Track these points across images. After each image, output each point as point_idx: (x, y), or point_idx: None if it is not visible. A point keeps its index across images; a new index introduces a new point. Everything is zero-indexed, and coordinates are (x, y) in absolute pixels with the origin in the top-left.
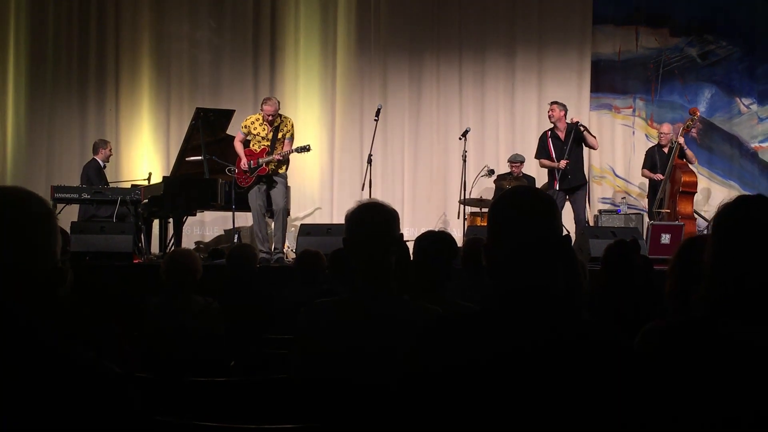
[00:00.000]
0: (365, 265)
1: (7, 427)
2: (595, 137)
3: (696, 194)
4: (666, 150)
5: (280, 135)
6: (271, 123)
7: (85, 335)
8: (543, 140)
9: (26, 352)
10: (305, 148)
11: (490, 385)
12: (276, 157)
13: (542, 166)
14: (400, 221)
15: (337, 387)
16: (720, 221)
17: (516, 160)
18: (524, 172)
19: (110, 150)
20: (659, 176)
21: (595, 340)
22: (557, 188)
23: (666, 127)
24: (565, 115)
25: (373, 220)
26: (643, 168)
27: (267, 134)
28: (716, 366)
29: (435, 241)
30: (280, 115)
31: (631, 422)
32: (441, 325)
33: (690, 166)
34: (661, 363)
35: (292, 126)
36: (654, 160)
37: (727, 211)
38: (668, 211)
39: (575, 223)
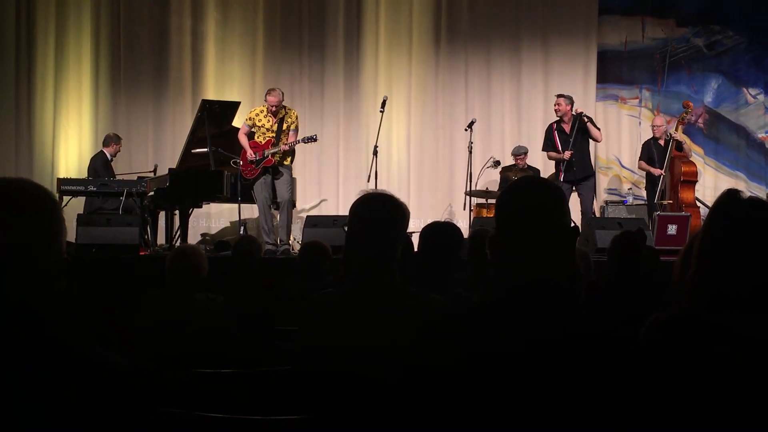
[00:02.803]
0: (367, 256)
1: (16, 419)
2: (599, 129)
3: (697, 183)
4: (662, 142)
5: (284, 126)
6: (275, 114)
7: (89, 326)
8: (549, 133)
9: (33, 344)
10: (312, 138)
11: (493, 377)
12: (282, 147)
13: (549, 158)
14: None
15: (339, 379)
16: (714, 214)
17: (519, 153)
18: (529, 163)
19: (120, 147)
20: (658, 171)
21: (599, 333)
22: (562, 179)
23: (659, 120)
24: (572, 107)
25: (378, 210)
26: (639, 160)
27: (272, 126)
28: (719, 357)
29: (440, 232)
30: (284, 107)
31: (635, 413)
32: (444, 318)
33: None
34: (665, 354)
35: (297, 117)
36: (651, 152)
37: (720, 206)
38: (671, 201)
39: (582, 214)
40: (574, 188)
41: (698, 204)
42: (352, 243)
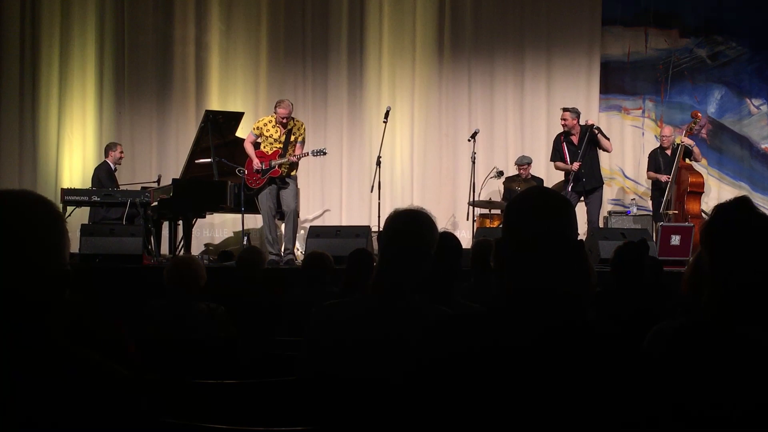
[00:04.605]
0: (383, 269)
1: (17, 427)
2: (609, 140)
3: (703, 194)
4: (669, 152)
5: (292, 138)
6: (284, 125)
7: (92, 337)
8: (557, 144)
9: (35, 354)
10: (322, 152)
11: (494, 382)
12: (292, 159)
13: (557, 168)
14: None
15: (345, 386)
16: (707, 235)
17: (523, 163)
18: (533, 173)
19: (121, 152)
20: (665, 177)
21: (600, 339)
22: (570, 190)
23: (667, 130)
24: (578, 120)
25: (400, 224)
26: (648, 171)
27: (280, 136)
28: (730, 365)
29: (438, 241)
30: (293, 118)
31: (638, 421)
32: (447, 323)
33: (695, 166)
34: (672, 363)
35: (305, 129)
36: (657, 162)
37: (712, 224)
38: (676, 212)
39: (587, 224)
40: (581, 198)
41: (704, 215)
42: (379, 257)
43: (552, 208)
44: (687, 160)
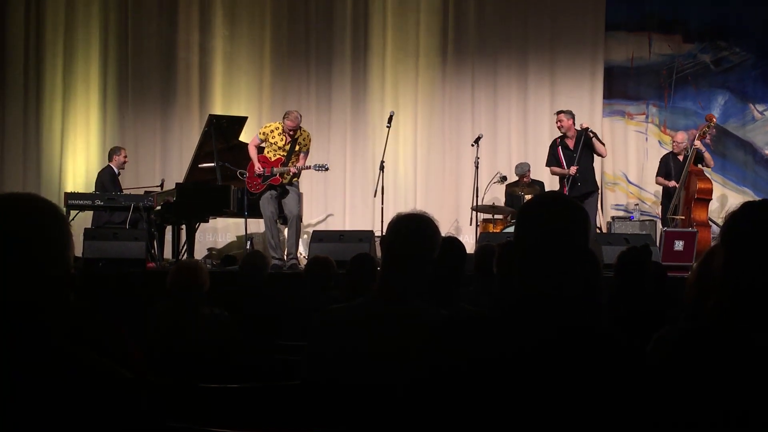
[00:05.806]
0: (386, 273)
1: (17, 429)
2: (604, 144)
3: (711, 201)
4: (681, 158)
5: (297, 148)
6: (291, 135)
7: (96, 340)
8: (553, 149)
9: (39, 356)
10: (324, 167)
11: (498, 385)
12: (291, 170)
13: (553, 173)
14: None
15: (348, 390)
16: (728, 229)
17: (523, 171)
18: (534, 178)
19: (125, 156)
20: (673, 183)
21: (605, 344)
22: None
23: (680, 136)
24: (574, 122)
25: (402, 229)
26: (657, 176)
27: (285, 145)
28: (736, 371)
29: (443, 245)
30: (300, 127)
31: (643, 426)
32: (449, 327)
33: (705, 172)
34: (676, 369)
35: (310, 140)
36: (669, 167)
37: (734, 218)
38: (683, 217)
39: None
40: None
41: (711, 223)
42: (382, 261)
43: (559, 213)
44: (699, 165)
